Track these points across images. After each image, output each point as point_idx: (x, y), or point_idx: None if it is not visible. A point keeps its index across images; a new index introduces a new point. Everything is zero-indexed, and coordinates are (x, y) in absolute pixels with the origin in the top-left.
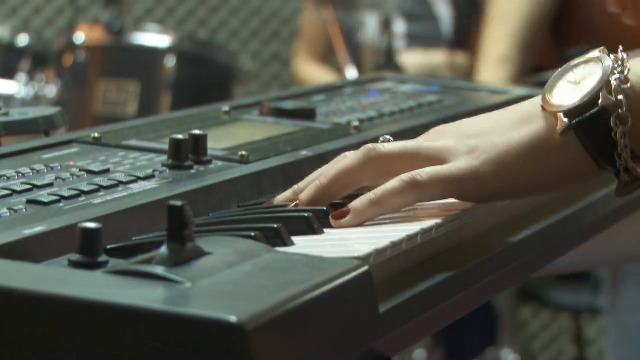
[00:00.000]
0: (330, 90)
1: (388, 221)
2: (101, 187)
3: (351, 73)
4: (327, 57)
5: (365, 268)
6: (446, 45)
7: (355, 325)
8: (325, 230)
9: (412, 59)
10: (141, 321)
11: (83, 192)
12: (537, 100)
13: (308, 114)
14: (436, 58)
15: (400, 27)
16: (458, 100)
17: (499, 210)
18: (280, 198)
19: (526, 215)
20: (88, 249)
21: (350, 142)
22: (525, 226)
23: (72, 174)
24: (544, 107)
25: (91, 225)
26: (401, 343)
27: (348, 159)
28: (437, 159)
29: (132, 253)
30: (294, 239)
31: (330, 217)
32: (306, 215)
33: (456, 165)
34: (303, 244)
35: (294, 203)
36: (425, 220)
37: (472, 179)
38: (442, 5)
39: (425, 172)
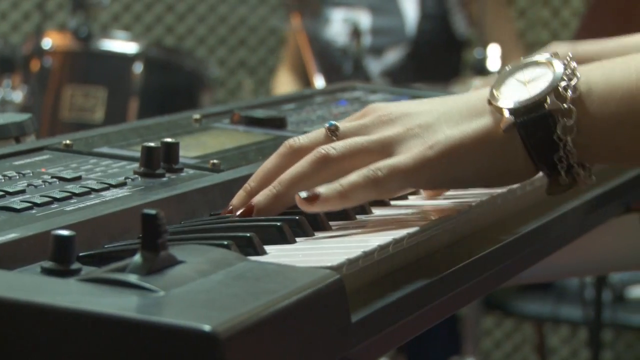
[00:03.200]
0: (300, 99)
1: (360, 230)
2: (73, 194)
3: (319, 81)
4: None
5: (338, 278)
6: (408, 43)
7: (327, 335)
8: (298, 239)
9: None
10: (114, 329)
11: (55, 199)
12: (485, 94)
13: (279, 123)
14: None
15: (365, 20)
16: None
17: (470, 221)
18: (235, 202)
19: (496, 226)
20: (61, 256)
21: None
22: (495, 237)
23: (44, 181)
24: (490, 102)
25: (64, 232)
26: (373, 353)
27: (301, 164)
28: (387, 151)
29: (105, 261)
30: (267, 247)
31: (297, 198)
32: (279, 224)
33: (411, 157)
34: (276, 253)
35: (247, 209)
36: (396, 229)
37: (427, 169)
38: (409, 3)
39: (385, 167)
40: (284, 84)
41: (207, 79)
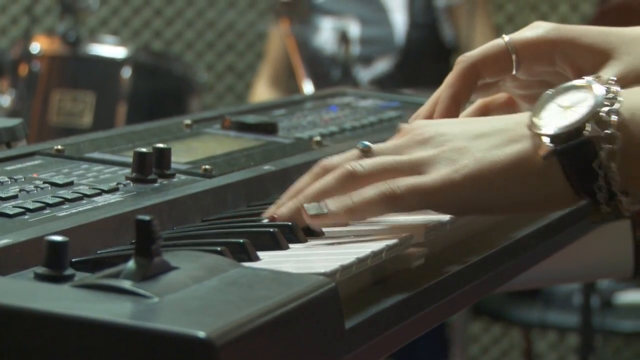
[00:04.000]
0: (291, 105)
1: (353, 237)
2: (66, 200)
3: (308, 87)
4: (288, 81)
5: (332, 284)
6: (397, 52)
7: (321, 341)
8: (291, 245)
9: None
10: (109, 336)
11: (48, 205)
12: (524, 119)
13: (270, 128)
14: None
15: (354, 30)
16: None
17: (462, 228)
18: (265, 216)
19: (488, 233)
20: (54, 262)
21: (313, 157)
22: (487, 244)
23: (36, 186)
24: (530, 128)
25: (58, 238)
26: (366, 359)
27: (327, 179)
28: (416, 170)
29: (98, 266)
30: (260, 254)
31: (303, 213)
32: (272, 230)
33: (435, 177)
34: (269, 259)
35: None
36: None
37: (451, 192)
38: (398, 13)
39: (403, 185)
40: (261, 97)
41: (195, 84)
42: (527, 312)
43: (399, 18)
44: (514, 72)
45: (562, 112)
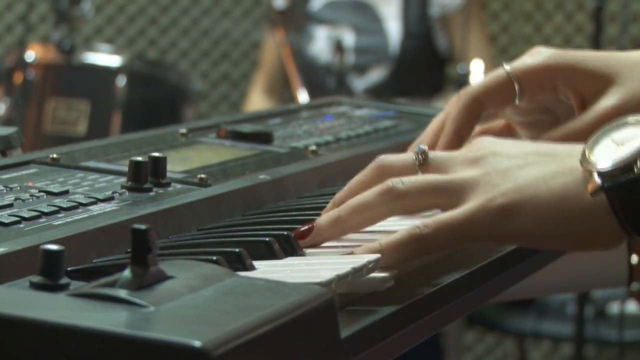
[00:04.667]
0: (286, 114)
1: (349, 247)
2: (61, 209)
3: (302, 96)
4: (282, 90)
5: (328, 294)
6: (392, 61)
7: (316, 351)
8: (286, 255)
9: None
10: (104, 345)
11: (43, 213)
12: (577, 152)
13: (265, 138)
14: None
15: (349, 39)
16: (413, 125)
17: None
18: (325, 211)
19: (483, 244)
20: (50, 270)
21: (308, 166)
22: (481, 254)
23: (32, 195)
24: (582, 163)
25: (53, 247)
26: None
27: (367, 195)
28: (457, 194)
29: (94, 275)
30: (255, 263)
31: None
32: (267, 240)
33: (467, 209)
34: (264, 269)
35: (310, 226)
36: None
37: (481, 224)
38: (393, 22)
39: (433, 224)
40: (256, 105)
41: (190, 93)
42: (521, 321)
43: (393, 27)
44: (517, 102)
45: (615, 147)
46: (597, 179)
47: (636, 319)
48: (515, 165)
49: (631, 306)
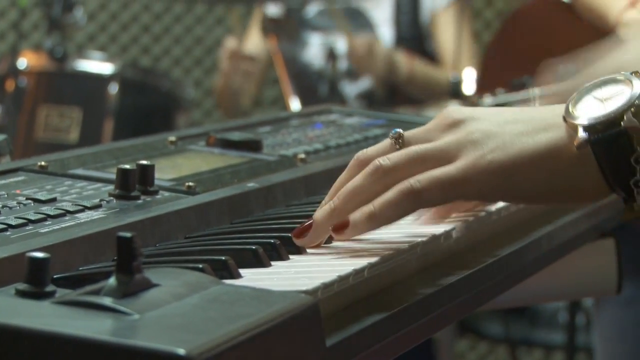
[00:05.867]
0: (276, 122)
1: (335, 255)
2: (48, 216)
3: (295, 102)
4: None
5: (313, 302)
6: None
7: (301, 359)
8: (273, 262)
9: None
10: (89, 352)
11: (30, 221)
12: (559, 110)
13: (254, 146)
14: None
15: (342, 46)
16: None
17: (445, 246)
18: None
19: (471, 251)
20: (36, 278)
21: (297, 174)
22: (470, 262)
23: (19, 203)
24: (565, 118)
25: (39, 254)
26: None
27: (357, 179)
28: (444, 158)
29: (80, 283)
30: (242, 271)
31: (331, 229)
32: (254, 247)
33: (459, 166)
34: (251, 277)
35: (309, 222)
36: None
37: (476, 180)
38: (385, 27)
39: (424, 179)
40: (255, 41)
41: (182, 100)
42: (513, 329)
43: (385, 32)
44: None
45: (599, 104)
46: (583, 133)
47: None
48: (497, 125)
49: None
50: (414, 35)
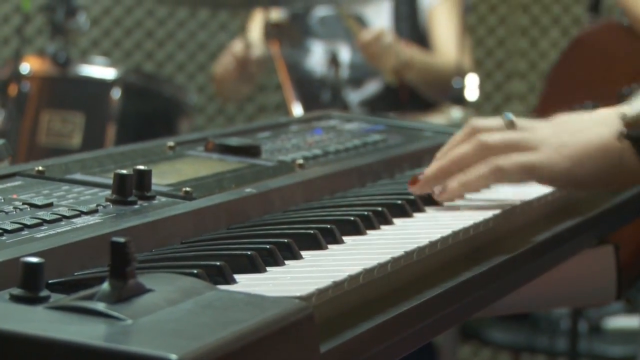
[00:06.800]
0: (275, 127)
1: (331, 260)
2: (44, 221)
3: (297, 109)
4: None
5: (308, 308)
6: None
7: None
8: (268, 268)
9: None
10: (82, 357)
11: (26, 226)
12: (619, 110)
13: (253, 151)
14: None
15: (345, 54)
16: (402, 140)
17: (442, 252)
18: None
19: (469, 256)
20: (30, 283)
21: (295, 180)
22: (468, 267)
23: (15, 207)
24: (620, 115)
25: (33, 259)
26: None
27: (465, 148)
28: (531, 147)
29: (74, 288)
30: (237, 277)
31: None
32: (249, 253)
33: (539, 156)
34: (246, 282)
35: (419, 173)
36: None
37: (550, 168)
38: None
39: (510, 161)
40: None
41: (186, 106)
42: (515, 336)
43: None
44: None
45: None
46: (621, 127)
47: (629, 334)
48: (576, 125)
49: (623, 321)
50: (415, 40)
